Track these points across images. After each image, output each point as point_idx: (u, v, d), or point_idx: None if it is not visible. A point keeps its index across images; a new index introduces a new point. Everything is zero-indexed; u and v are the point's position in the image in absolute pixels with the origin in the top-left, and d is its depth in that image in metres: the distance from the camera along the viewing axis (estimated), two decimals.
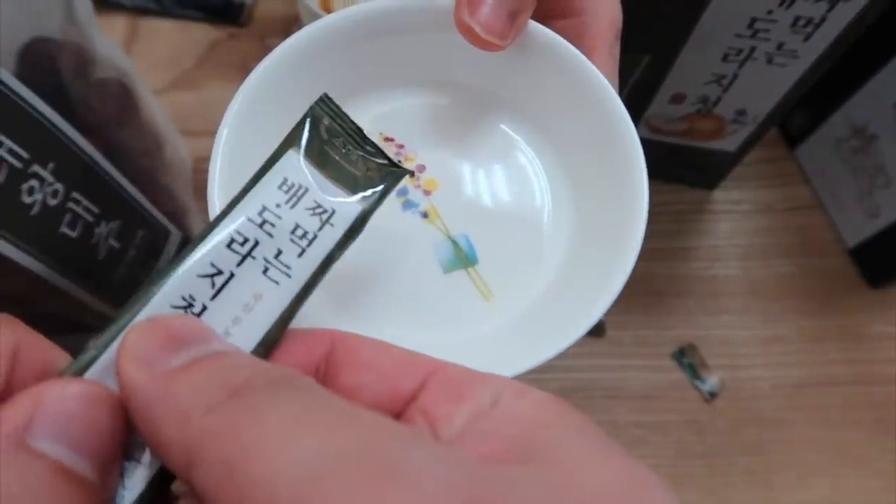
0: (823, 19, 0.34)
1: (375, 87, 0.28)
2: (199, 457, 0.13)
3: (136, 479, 0.15)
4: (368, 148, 0.19)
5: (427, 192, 0.27)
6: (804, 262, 0.49)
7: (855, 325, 0.48)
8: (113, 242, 0.32)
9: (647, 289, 0.48)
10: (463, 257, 0.26)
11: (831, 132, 0.48)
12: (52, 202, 0.27)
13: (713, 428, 0.45)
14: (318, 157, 0.18)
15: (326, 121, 0.19)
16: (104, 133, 0.33)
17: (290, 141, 0.18)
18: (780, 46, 0.36)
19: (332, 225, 0.18)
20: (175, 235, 0.40)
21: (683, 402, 0.45)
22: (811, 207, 0.51)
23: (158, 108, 0.41)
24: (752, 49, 0.37)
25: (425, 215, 0.27)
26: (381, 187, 0.19)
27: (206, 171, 0.53)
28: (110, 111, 0.35)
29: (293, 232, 0.17)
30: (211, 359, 0.15)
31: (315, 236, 0.17)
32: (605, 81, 0.24)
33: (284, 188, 0.17)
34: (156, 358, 0.14)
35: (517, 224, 0.27)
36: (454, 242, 0.26)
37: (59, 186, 0.27)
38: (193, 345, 0.15)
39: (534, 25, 0.25)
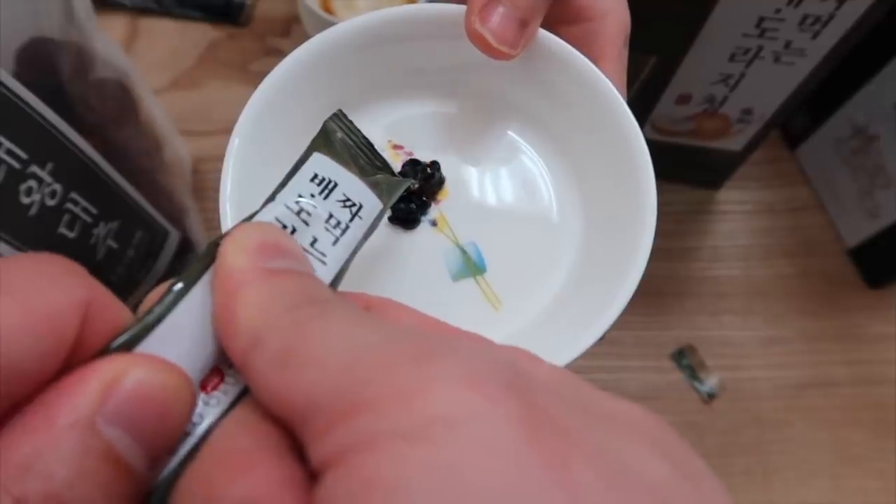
0: (832, 17, 0.33)
1: (384, 96, 0.28)
2: (263, 341, 0.14)
3: (180, 451, 0.15)
4: (377, 163, 0.20)
5: (436, 201, 0.27)
6: (804, 263, 0.49)
7: (855, 326, 0.48)
8: (111, 243, 0.32)
9: (647, 289, 0.48)
10: (471, 265, 0.26)
11: (831, 132, 0.48)
12: (51, 203, 0.27)
13: (712, 428, 0.45)
14: (341, 158, 0.19)
15: (340, 134, 0.20)
16: (103, 133, 0.33)
17: (314, 146, 0.19)
18: (787, 45, 0.36)
19: (360, 218, 0.19)
20: (174, 235, 0.40)
21: (682, 403, 0.45)
22: (811, 207, 0.51)
23: (158, 108, 0.41)
24: (760, 48, 0.36)
25: (434, 223, 0.27)
26: (392, 190, 0.20)
27: (205, 172, 0.53)
28: (109, 111, 0.35)
29: (328, 221, 0.18)
30: (302, 274, 0.16)
31: (347, 227, 0.18)
32: (615, 90, 0.24)
33: (316, 181, 0.18)
34: (257, 254, 0.15)
35: (525, 232, 0.27)
36: (463, 251, 0.26)
37: (57, 187, 0.27)
38: (290, 258, 0.16)
39: (542, 33, 0.25)
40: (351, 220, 0.18)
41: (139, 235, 0.35)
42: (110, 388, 0.13)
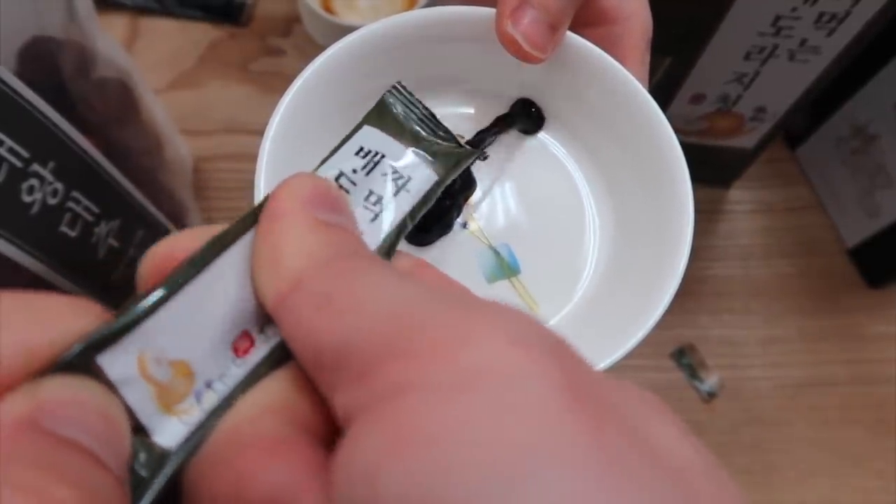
0: (847, 14, 0.34)
1: None
2: (304, 283, 0.14)
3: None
4: (441, 133, 0.20)
5: (467, 203, 0.27)
6: (804, 262, 0.49)
7: (855, 325, 0.48)
8: (112, 242, 0.32)
9: None
10: (506, 267, 0.26)
11: (831, 132, 0.48)
12: (52, 201, 0.27)
13: (712, 428, 0.45)
14: (394, 129, 0.19)
15: (399, 107, 0.19)
16: (104, 132, 0.33)
17: (366, 119, 0.19)
18: (802, 43, 0.36)
19: (407, 191, 0.18)
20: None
21: (682, 402, 0.45)
22: (811, 207, 0.51)
23: (159, 108, 0.41)
24: (775, 47, 0.36)
25: (466, 225, 0.27)
26: (453, 162, 0.19)
27: (206, 171, 0.53)
28: (111, 110, 0.35)
29: (367, 199, 0.17)
30: (351, 232, 0.16)
31: (389, 202, 0.18)
32: (643, 89, 0.24)
33: (361, 154, 0.18)
34: (310, 203, 0.15)
35: (557, 232, 0.27)
36: (496, 252, 0.26)
37: (58, 186, 0.27)
38: (342, 216, 0.16)
39: (570, 35, 0.25)
40: (396, 193, 0.18)
41: (140, 234, 0.35)
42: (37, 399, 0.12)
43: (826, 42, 0.36)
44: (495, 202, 0.27)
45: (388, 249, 0.17)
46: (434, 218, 0.26)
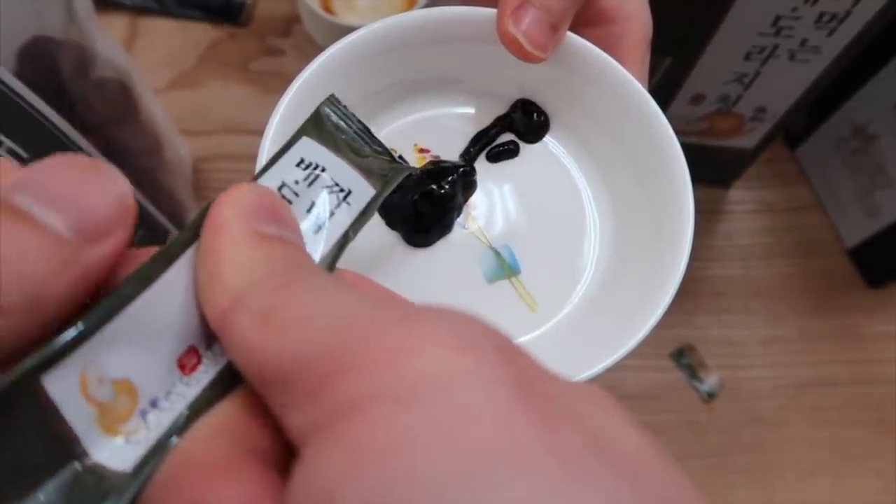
0: (848, 14, 0.34)
1: (406, 98, 0.28)
2: (245, 299, 0.13)
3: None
4: (376, 147, 0.20)
5: (467, 204, 0.27)
6: (804, 262, 0.49)
7: (854, 325, 0.48)
8: None
9: None
10: (506, 267, 0.26)
11: (831, 132, 0.48)
12: None
13: (712, 428, 0.45)
14: (331, 142, 0.19)
15: (335, 118, 0.19)
16: (104, 132, 0.33)
17: (303, 130, 0.19)
18: (803, 43, 0.36)
19: (348, 204, 0.18)
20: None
21: (682, 403, 0.45)
22: (811, 207, 0.51)
23: (158, 108, 0.41)
24: (776, 47, 0.36)
25: (466, 226, 0.27)
26: (389, 176, 0.19)
27: (205, 171, 0.53)
28: (110, 110, 0.35)
29: (309, 210, 0.17)
30: (293, 244, 0.15)
31: (332, 213, 0.17)
32: (643, 89, 0.24)
33: (302, 166, 0.18)
34: (250, 215, 0.15)
35: (557, 232, 0.27)
36: (496, 253, 0.26)
37: None
38: (283, 226, 0.15)
39: (571, 36, 0.25)
40: (337, 206, 0.18)
41: (140, 234, 0.35)
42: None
43: (826, 42, 0.36)
44: (495, 203, 0.27)
45: (330, 262, 0.17)
46: (434, 219, 0.26)
